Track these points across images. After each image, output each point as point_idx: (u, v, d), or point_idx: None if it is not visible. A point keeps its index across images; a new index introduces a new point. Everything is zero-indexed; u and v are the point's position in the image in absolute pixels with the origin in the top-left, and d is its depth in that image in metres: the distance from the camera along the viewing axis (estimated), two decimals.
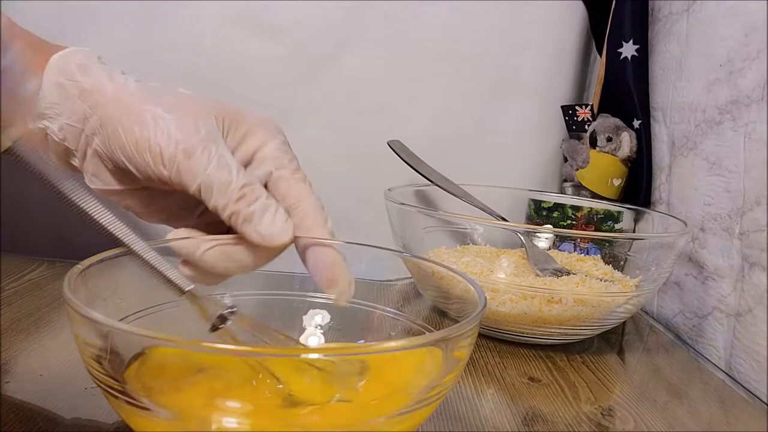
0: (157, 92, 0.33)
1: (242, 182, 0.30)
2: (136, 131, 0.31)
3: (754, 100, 0.46)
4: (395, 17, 0.62)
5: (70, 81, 0.33)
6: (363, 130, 0.63)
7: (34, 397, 0.33)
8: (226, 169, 0.30)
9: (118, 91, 0.33)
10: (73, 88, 0.33)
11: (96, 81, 0.33)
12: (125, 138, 0.31)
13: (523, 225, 0.61)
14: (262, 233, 0.30)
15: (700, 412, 0.39)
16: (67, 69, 0.34)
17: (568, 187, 0.67)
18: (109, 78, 0.33)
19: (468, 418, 0.35)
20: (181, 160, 0.30)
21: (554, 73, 0.67)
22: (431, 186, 0.58)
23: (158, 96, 0.32)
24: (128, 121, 0.31)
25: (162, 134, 0.31)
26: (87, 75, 0.33)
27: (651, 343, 0.51)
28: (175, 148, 0.30)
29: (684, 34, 0.57)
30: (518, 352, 0.45)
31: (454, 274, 0.33)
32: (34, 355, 0.38)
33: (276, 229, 0.31)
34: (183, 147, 0.30)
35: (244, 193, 0.30)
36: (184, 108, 0.32)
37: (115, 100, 0.32)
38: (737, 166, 0.48)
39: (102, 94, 0.33)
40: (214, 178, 0.30)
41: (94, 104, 0.33)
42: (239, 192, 0.30)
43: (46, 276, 0.52)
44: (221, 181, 0.30)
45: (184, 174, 0.31)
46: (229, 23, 0.60)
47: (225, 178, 0.30)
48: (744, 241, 0.46)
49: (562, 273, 0.48)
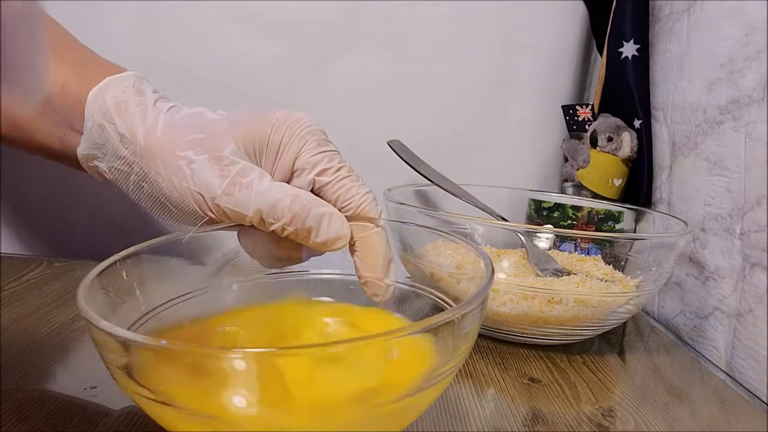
0: (184, 129, 0.33)
1: (289, 201, 0.30)
2: (174, 182, 0.31)
3: (754, 100, 0.46)
4: (395, 17, 0.62)
5: (109, 123, 0.34)
6: (363, 130, 0.63)
7: (34, 397, 0.33)
8: (269, 195, 0.31)
9: (148, 137, 0.33)
10: (113, 132, 0.34)
11: (130, 125, 0.33)
12: (167, 190, 0.32)
13: (523, 225, 0.61)
14: (320, 242, 0.31)
15: (700, 412, 0.39)
16: (105, 108, 0.34)
17: (569, 187, 0.67)
18: (142, 119, 0.33)
19: (468, 418, 0.35)
20: (223, 205, 0.31)
21: (554, 73, 0.67)
22: (431, 186, 0.58)
23: (185, 134, 0.32)
24: (165, 172, 0.32)
25: (199, 182, 0.31)
26: (122, 116, 0.33)
27: (651, 343, 0.51)
28: (214, 193, 0.31)
29: (685, 33, 0.57)
30: (518, 353, 0.45)
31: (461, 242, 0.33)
32: (34, 355, 0.37)
33: (333, 235, 0.31)
34: (221, 191, 0.31)
35: (296, 212, 0.30)
36: (213, 144, 0.32)
37: (147, 150, 0.32)
38: (738, 166, 0.48)
39: (137, 142, 0.33)
40: (261, 208, 0.31)
41: (134, 152, 0.33)
42: (290, 212, 0.30)
43: (45, 276, 0.51)
44: (269, 209, 0.30)
45: (232, 214, 0.31)
46: (229, 23, 0.60)
47: (271, 203, 0.30)
48: (745, 241, 0.46)
49: (563, 273, 0.48)
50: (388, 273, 0.33)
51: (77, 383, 0.35)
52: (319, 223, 0.31)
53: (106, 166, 0.35)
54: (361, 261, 0.33)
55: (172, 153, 0.31)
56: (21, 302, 0.45)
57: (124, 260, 0.30)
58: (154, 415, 0.24)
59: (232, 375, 0.22)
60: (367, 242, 0.32)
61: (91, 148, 0.34)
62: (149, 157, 0.32)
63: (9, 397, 0.32)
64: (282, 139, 0.33)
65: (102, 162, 0.35)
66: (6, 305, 0.44)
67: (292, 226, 0.31)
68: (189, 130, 0.32)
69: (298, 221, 0.30)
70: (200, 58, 0.60)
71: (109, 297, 0.28)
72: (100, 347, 0.24)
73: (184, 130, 0.32)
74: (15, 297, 0.46)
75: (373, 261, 0.32)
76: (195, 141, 0.32)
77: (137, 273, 0.31)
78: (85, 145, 0.35)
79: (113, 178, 0.35)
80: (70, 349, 0.39)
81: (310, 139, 0.33)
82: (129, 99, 0.34)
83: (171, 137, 0.32)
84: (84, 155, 0.35)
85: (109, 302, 0.28)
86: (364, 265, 0.32)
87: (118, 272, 0.29)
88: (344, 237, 0.31)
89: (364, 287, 0.33)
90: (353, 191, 0.33)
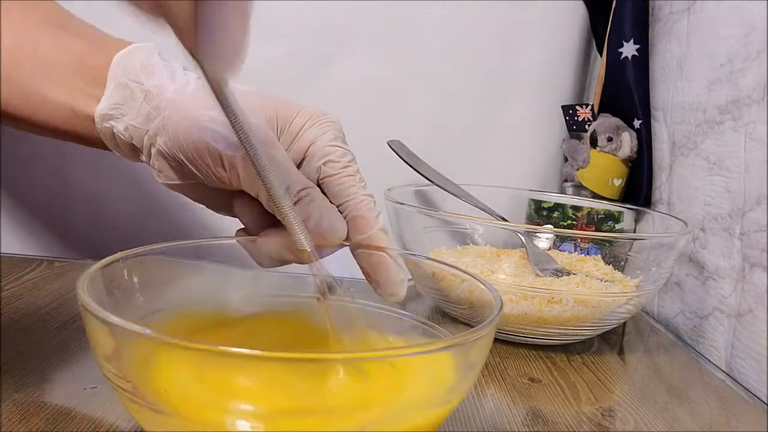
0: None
1: (299, 186, 0.31)
2: (194, 135, 0.31)
3: (754, 100, 0.46)
4: (395, 17, 0.62)
5: (134, 83, 0.34)
6: (363, 130, 0.63)
7: (34, 397, 0.33)
8: (283, 175, 0.31)
9: (177, 93, 0.33)
10: (138, 90, 0.34)
11: (158, 83, 0.33)
12: (185, 141, 0.32)
13: (523, 225, 0.61)
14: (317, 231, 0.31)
15: (700, 412, 0.39)
16: (131, 69, 0.34)
17: (569, 187, 0.67)
18: (171, 79, 0.34)
19: (468, 418, 0.35)
20: (240, 166, 0.31)
21: (554, 73, 0.67)
22: (431, 186, 0.58)
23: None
24: (187, 125, 0.31)
25: (220, 139, 0.31)
26: (150, 77, 0.34)
27: (651, 343, 0.51)
28: (234, 152, 0.31)
29: (684, 33, 0.57)
30: (518, 353, 0.45)
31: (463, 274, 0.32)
32: (33, 355, 0.37)
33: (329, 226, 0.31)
34: (242, 152, 0.30)
35: (300, 196, 0.31)
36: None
37: (175, 103, 0.33)
38: (738, 166, 0.48)
39: (164, 97, 0.33)
40: (273, 184, 0.30)
41: (157, 106, 0.33)
42: (296, 196, 0.31)
43: (45, 276, 0.51)
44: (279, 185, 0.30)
45: (243, 179, 0.31)
46: None
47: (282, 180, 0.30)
48: (744, 241, 0.46)
49: (563, 273, 0.48)
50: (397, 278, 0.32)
51: (77, 383, 0.34)
52: (320, 211, 0.31)
53: (122, 125, 0.35)
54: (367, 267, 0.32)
55: (197, 110, 0.32)
56: (21, 302, 0.45)
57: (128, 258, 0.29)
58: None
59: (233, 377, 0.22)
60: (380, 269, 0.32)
61: (109, 107, 0.35)
62: (174, 109, 0.32)
63: (9, 397, 0.32)
64: (305, 125, 0.33)
65: (119, 122, 0.35)
66: (6, 305, 0.44)
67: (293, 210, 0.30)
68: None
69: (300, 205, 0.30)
70: None
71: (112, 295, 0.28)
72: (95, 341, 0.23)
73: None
74: (15, 297, 0.46)
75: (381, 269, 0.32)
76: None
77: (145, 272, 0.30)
78: (104, 104, 0.35)
79: (128, 137, 0.35)
80: (70, 349, 0.39)
81: (329, 131, 0.34)
82: (156, 63, 0.35)
83: (200, 97, 0.32)
84: (102, 114, 0.35)
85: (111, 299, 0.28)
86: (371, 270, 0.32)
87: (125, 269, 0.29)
88: (341, 231, 0.31)
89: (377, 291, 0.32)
90: (353, 190, 0.33)
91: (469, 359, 0.25)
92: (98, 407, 0.32)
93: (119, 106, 0.35)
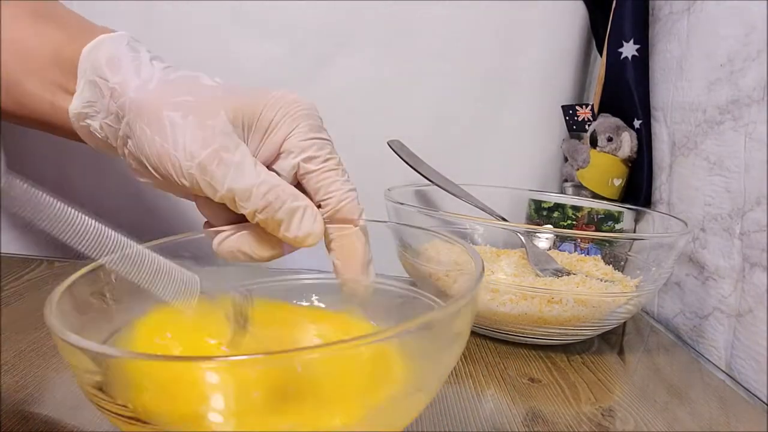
0: (177, 89, 0.31)
1: (264, 190, 0.30)
2: (157, 142, 0.30)
3: (754, 100, 0.46)
4: (395, 17, 0.62)
5: (101, 79, 0.33)
6: (363, 130, 0.63)
7: (34, 397, 0.33)
8: (246, 179, 0.30)
9: (139, 91, 0.31)
10: (105, 88, 0.33)
11: (122, 79, 0.32)
12: (149, 149, 0.31)
13: (523, 225, 0.61)
14: (290, 237, 0.30)
15: (700, 412, 0.39)
16: (97, 65, 0.33)
17: (569, 187, 0.67)
18: (136, 73, 0.32)
19: (468, 418, 0.35)
20: (197, 175, 0.30)
21: (554, 73, 0.67)
22: (431, 186, 0.58)
23: (177, 94, 0.31)
24: (150, 131, 0.30)
25: (179, 147, 0.30)
26: (115, 72, 0.32)
27: (651, 343, 0.51)
28: (191, 161, 0.30)
29: (684, 33, 0.57)
30: (518, 353, 0.45)
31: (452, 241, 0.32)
32: (33, 355, 0.37)
33: (303, 233, 0.30)
34: (198, 161, 0.29)
35: (269, 201, 0.30)
36: (201, 109, 0.31)
37: (137, 104, 0.31)
38: (738, 166, 0.48)
39: (127, 96, 0.32)
40: (235, 189, 0.30)
41: (122, 105, 0.32)
42: (263, 200, 0.30)
43: (45, 276, 0.51)
44: (242, 192, 0.30)
45: (204, 188, 0.30)
46: (228, 23, 0.60)
47: (246, 187, 0.29)
48: (744, 241, 0.46)
49: (563, 273, 0.48)
50: (367, 273, 0.32)
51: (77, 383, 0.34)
52: (291, 216, 0.30)
53: (97, 124, 0.34)
54: (340, 261, 0.32)
55: (159, 111, 0.30)
56: (21, 302, 0.45)
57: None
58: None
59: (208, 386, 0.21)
60: (345, 242, 0.32)
61: (82, 106, 0.34)
62: (136, 112, 0.31)
63: (9, 397, 0.32)
64: (274, 118, 0.31)
65: (94, 120, 0.34)
66: (6, 305, 0.44)
67: (263, 215, 0.30)
68: (181, 91, 0.31)
69: (269, 211, 0.30)
70: (200, 58, 0.60)
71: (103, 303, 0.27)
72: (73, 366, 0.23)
73: (175, 90, 0.31)
74: (15, 297, 0.46)
75: (351, 262, 0.31)
76: (184, 103, 0.30)
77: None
78: (77, 102, 0.34)
79: (103, 136, 0.34)
80: None
81: (303, 123, 0.32)
82: (122, 55, 0.33)
83: (161, 95, 0.31)
84: (76, 113, 0.34)
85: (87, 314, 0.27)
86: (342, 266, 0.32)
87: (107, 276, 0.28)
88: (315, 234, 0.30)
89: (342, 287, 0.32)
90: (336, 186, 0.32)
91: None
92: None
93: (92, 104, 0.34)
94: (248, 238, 0.32)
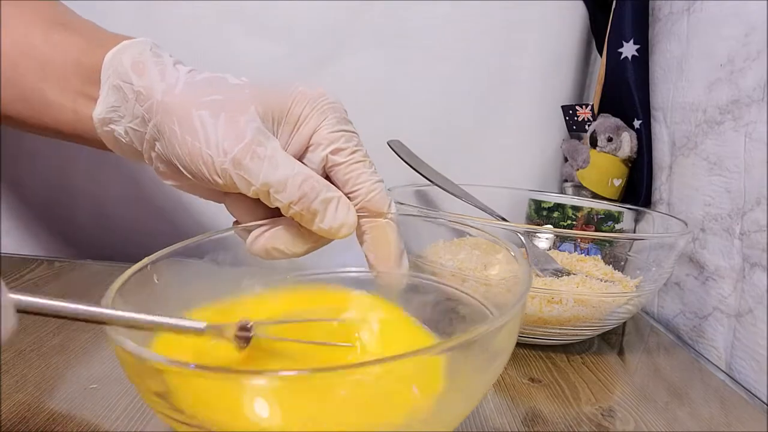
0: (204, 89, 0.32)
1: (299, 181, 0.30)
2: (188, 141, 0.30)
3: (754, 100, 0.46)
4: (395, 17, 0.62)
5: (126, 83, 0.33)
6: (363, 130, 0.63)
7: (35, 397, 0.33)
8: (280, 171, 0.30)
9: (166, 95, 0.32)
10: (130, 92, 0.33)
11: (148, 83, 0.32)
12: (179, 149, 0.31)
13: (523, 225, 0.61)
14: (325, 228, 0.30)
15: (700, 412, 0.39)
16: (122, 69, 0.33)
17: (569, 187, 0.67)
18: (161, 76, 0.32)
19: (468, 418, 0.35)
20: (231, 171, 0.30)
21: (554, 73, 0.67)
22: (431, 186, 0.58)
23: (205, 95, 0.31)
24: (180, 131, 0.31)
25: (212, 144, 0.30)
26: (141, 76, 0.33)
27: (651, 343, 0.51)
28: (224, 157, 0.30)
29: (685, 33, 0.57)
30: (518, 353, 0.45)
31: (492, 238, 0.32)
32: (33, 355, 0.37)
33: (338, 223, 0.30)
34: (232, 156, 0.30)
35: (304, 192, 0.30)
36: (230, 107, 0.31)
37: (165, 106, 0.31)
38: (738, 167, 0.48)
39: (154, 99, 0.32)
40: (270, 182, 0.30)
41: (149, 109, 0.32)
42: (299, 191, 0.30)
43: (45, 276, 0.51)
44: (278, 184, 0.30)
45: (238, 183, 0.30)
46: (228, 23, 0.60)
47: (281, 179, 0.30)
48: (744, 241, 0.46)
49: (563, 273, 0.48)
50: (400, 264, 0.32)
51: (77, 383, 0.35)
52: (326, 207, 0.30)
53: (122, 128, 0.34)
54: (372, 253, 0.32)
55: (189, 111, 0.31)
56: None
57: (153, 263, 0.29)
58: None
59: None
60: (377, 233, 0.32)
61: (107, 111, 0.34)
62: (165, 113, 0.31)
63: (9, 397, 0.32)
64: (302, 112, 0.32)
65: (118, 125, 0.34)
66: None
67: (299, 206, 0.30)
68: (209, 91, 0.32)
69: (305, 202, 0.30)
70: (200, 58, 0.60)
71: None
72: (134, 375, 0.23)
73: (204, 90, 0.32)
74: None
75: (384, 252, 0.32)
76: (214, 102, 0.31)
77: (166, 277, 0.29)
78: (102, 108, 0.34)
79: (128, 140, 0.34)
80: (70, 348, 0.39)
81: (330, 116, 0.32)
82: (147, 60, 0.33)
83: (190, 96, 0.31)
84: (100, 119, 0.34)
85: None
86: (375, 258, 0.32)
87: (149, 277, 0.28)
88: (349, 225, 0.31)
89: (377, 279, 0.32)
90: (364, 177, 0.32)
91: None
92: (98, 407, 0.32)
93: (116, 109, 0.34)
94: (282, 233, 0.32)
